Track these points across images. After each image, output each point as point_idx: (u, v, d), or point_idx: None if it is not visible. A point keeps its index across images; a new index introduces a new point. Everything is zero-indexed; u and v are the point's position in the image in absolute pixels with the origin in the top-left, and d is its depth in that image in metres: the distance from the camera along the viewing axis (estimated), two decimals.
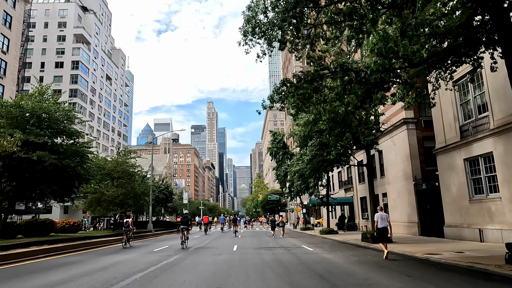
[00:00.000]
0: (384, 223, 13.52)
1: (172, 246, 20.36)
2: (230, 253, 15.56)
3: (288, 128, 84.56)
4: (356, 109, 14.13)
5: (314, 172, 24.46)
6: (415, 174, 25.13)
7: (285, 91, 11.58)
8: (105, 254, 15.94)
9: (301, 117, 20.07)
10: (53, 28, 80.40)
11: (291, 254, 14.82)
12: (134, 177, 27.32)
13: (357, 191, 37.41)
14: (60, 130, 19.07)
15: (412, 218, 25.19)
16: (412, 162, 25.37)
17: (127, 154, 27.91)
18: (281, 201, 78.52)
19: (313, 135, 20.81)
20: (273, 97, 11.66)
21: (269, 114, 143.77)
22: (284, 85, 11.53)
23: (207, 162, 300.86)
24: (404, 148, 26.30)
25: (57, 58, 78.87)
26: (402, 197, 26.74)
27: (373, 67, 12.14)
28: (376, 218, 13.78)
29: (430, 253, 14.02)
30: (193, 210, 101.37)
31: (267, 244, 21.53)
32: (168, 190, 44.03)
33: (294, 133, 22.71)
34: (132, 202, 26.24)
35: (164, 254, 15.45)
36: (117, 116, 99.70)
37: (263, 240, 25.47)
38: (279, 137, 46.92)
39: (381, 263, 11.78)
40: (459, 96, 20.00)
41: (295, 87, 11.48)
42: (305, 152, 21.06)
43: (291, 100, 12.52)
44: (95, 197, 24.06)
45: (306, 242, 22.68)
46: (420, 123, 26.13)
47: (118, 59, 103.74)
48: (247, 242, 22.81)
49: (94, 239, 20.95)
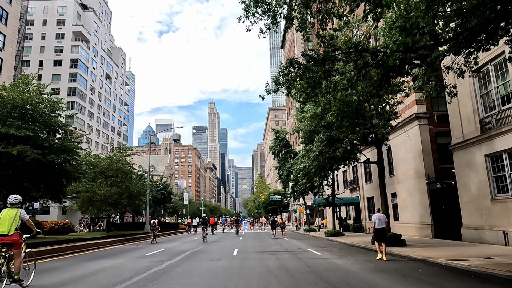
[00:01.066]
0: (382, 224, 13.82)
1: (167, 249, 18.82)
2: (230, 258, 14.01)
3: (292, 125, 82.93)
4: (371, 97, 12.54)
5: (320, 170, 22.91)
6: (428, 173, 23.54)
7: (293, 74, 10.03)
8: (91, 259, 14.43)
9: (308, 109, 18.56)
10: (51, 26, 79.11)
11: (297, 260, 13.25)
12: (129, 176, 25.82)
13: (363, 191, 35.80)
14: (45, 124, 17.54)
15: (425, 219, 23.59)
16: (424, 159, 23.78)
17: (122, 151, 26.42)
18: (284, 202, 76.90)
19: (320, 129, 19.26)
20: (279, 79, 10.11)
21: (271, 114, 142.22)
22: (292, 66, 9.96)
23: (209, 163, 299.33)
24: (415, 145, 24.71)
25: (55, 56, 77.58)
26: (413, 197, 25.15)
27: (393, 46, 10.59)
28: (374, 219, 14.01)
29: (454, 259, 12.44)
30: (194, 210, 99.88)
31: (270, 247, 19.97)
32: (167, 190, 42.23)
33: (299, 128, 21.17)
34: (127, 202, 24.72)
35: (156, 259, 13.92)
36: (117, 116, 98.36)
37: (266, 242, 23.91)
38: (281, 136, 45.36)
39: (404, 271, 10.22)
40: (478, 87, 18.41)
41: (304, 69, 9.91)
42: (312, 148, 19.50)
43: (299, 85, 10.99)
44: (86, 196, 22.57)
45: (312, 245, 21.12)
46: (433, 118, 24.54)
47: (118, 57, 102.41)
48: (248, 245, 21.26)
49: (84, 242, 19.44)
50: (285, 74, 9.95)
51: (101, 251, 18.12)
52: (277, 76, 10.11)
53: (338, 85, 12.42)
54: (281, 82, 10.03)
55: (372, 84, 12.06)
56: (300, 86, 10.71)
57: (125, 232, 26.95)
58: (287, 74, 9.96)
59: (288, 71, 10.03)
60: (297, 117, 23.35)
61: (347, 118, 12.93)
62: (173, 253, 16.49)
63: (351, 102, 12.26)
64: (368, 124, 15.38)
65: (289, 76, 9.99)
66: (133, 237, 25.98)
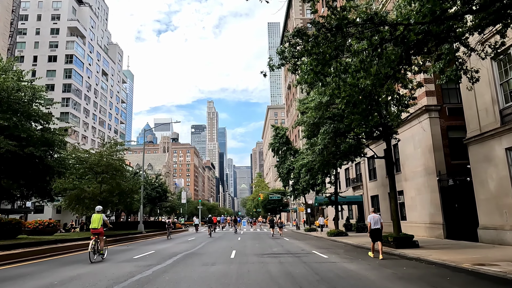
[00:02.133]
0: (377, 225, 14.08)
1: (159, 251, 17.25)
2: (227, 262, 12.46)
3: (292, 122, 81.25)
4: (387, 79, 10.99)
5: (324, 166, 21.36)
6: (439, 169, 22.03)
7: (300, 48, 8.46)
8: (70, 263, 12.86)
9: (312, 99, 17.02)
10: (46, 21, 77.44)
11: (303, 264, 11.71)
12: (121, 172, 24.22)
13: (367, 189, 34.30)
14: (23, 113, 15.89)
15: (436, 218, 22.09)
16: (435, 155, 22.26)
17: (113, 146, 24.80)
18: (283, 201, 75.43)
19: (325, 121, 17.71)
20: (284, 52, 8.54)
21: (270, 113, 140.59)
22: (299, 37, 8.38)
23: (207, 162, 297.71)
24: (425, 140, 23.20)
25: (50, 52, 75.90)
26: (423, 195, 23.64)
27: (417, 17, 9.07)
28: (369, 219, 14.35)
29: (480, 263, 10.92)
30: (192, 210, 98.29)
31: (271, 248, 18.43)
32: (162, 188, 40.46)
33: (302, 120, 19.62)
34: (118, 200, 23.11)
35: (143, 263, 12.35)
36: (113, 113, 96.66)
37: (266, 243, 22.36)
38: (281, 132, 43.80)
39: (431, 280, 8.69)
40: (498, 75, 16.89)
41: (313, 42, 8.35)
42: (316, 141, 17.95)
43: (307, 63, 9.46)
44: (74, 194, 20.97)
45: (316, 246, 19.59)
46: (444, 111, 23.03)
47: (115, 54, 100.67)
48: (247, 247, 19.71)
49: (68, 243, 17.86)
50: (292, 45, 8.37)
51: (85, 253, 16.50)
52: (282, 49, 8.53)
53: (349, 67, 10.89)
54: (287, 55, 8.47)
55: (389, 65, 10.53)
56: (308, 63, 9.14)
57: (116, 232, 25.36)
58: (294, 45, 8.39)
59: (295, 41, 8.46)
60: (300, 109, 21.81)
61: (360, 104, 11.37)
62: (164, 256, 14.92)
63: (365, 86, 10.67)
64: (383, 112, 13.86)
65: (296, 48, 8.43)
66: (125, 238, 24.38)
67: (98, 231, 13.80)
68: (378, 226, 13.99)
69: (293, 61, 8.81)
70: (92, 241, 13.45)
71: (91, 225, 13.95)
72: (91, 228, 13.98)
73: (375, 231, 13.95)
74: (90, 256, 13.05)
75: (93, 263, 12.72)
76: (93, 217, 14.16)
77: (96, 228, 13.77)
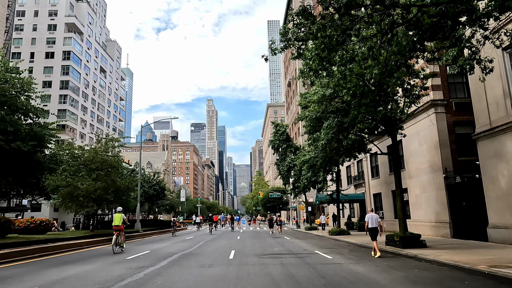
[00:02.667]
0: (375, 224, 14.36)
1: (154, 251, 16.47)
2: (225, 264, 11.70)
3: (292, 119, 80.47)
4: (398, 68, 10.20)
5: (327, 162, 20.59)
6: (445, 166, 21.27)
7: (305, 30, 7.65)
8: (58, 264, 12.08)
9: (315, 92, 16.25)
10: (43, 17, 76.41)
11: (307, 266, 10.95)
12: (116, 169, 23.40)
13: (369, 187, 33.55)
14: (10, 105, 15.05)
15: (442, 217, 21.35)
16: (441, 151, 21.51)
17: (109, 142, 23.98)
18: (283, 199, 74.70)
19: (329, 116, 16.91)
20: (287, 33, 7.73)
21: (269, 111, 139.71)
22: (304, 17, 7.56)
23: (207, 160, 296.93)
24: (431, 136, 22.44)
25: (47, 48, 74.90)
26: (428, 192, 22.89)
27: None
28: (367, 218, 14.67)
29: (496, 265, 10.16)
30: (191, 208, 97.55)
31: (272, 248, 17.67)
32: (160, 185, 39.60)
33: (304, 115, 18.82)
34: (113, 198, 22.27)
35: (135, 265, 11.58)
36: (112, 111, 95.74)
37: (266, 242, 21.61)
38: (282, 129, 42.99)
39: (447, 284, 7.94)
40: (510, 67, 16.12)
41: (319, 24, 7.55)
42: (319, 136, 17.15)
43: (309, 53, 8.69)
44: (66, 191, 20.15)
45: (318, 246, 18.84)
46: (451, 105, 22.27)
47: (114, 51, 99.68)
48: (247, 246, 18.95)
49: (60, 243, 17.10)
50: (296, 25, 7.57)
51: (76, 253, 15.77)
52: (285, 29, 7.73)
53: (356, 55, 10.11)
54: (290, 36, 7.68)
55: (400, 51, 9.74)
56: (313, 49, 8.35)
57: (112, 231, 24.56)
58: (298, 26, 7.59)
59: (299, 21, 7.64)
60: (301, 103, 21.01)
61: (368, 95, 10.57)
62: (159, 256, 14.15)
63: (374, 76, 9.88)
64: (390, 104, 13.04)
65: (300, 29, 7.63)
66: None
67: (119, 228, 16.53)
68: (376, 225, 14.32)
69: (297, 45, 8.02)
70: (114, 236, 16.19)
71: (113, 223, 16.91)
72: (113, 225, 16.82)
73: (373, 230, 14.30)
74: (113, 248, 15.82)
75: (84, 264, 11.96)
76: (115, 216, 17.10)
77: (118, 225, 16.54)
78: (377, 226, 14.29)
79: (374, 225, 14.30)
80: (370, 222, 14.40)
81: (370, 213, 14.86)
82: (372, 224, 14.31)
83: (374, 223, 14.33)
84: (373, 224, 14.31)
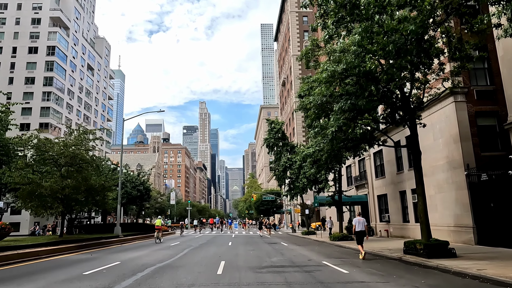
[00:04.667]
0: (362, 227, 14.78)
1: (125, 262, 13.42)
2: (211, 283, 8.77)
3: (288, 116, 77.74)
4: (447, 16, 7.42)
5: (332, 157, 17.79)
6: (467, 162, 18.62)
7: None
8: None
9: (323, 69, 13.47)
10: (27, 10, 72.89)
11: (321, 287, 8.05)
12: (91, 165, 20.25)
13: (373, 188, 30.84)
14: None
15: (463, 220, 18.66)
16: (462, 145, 18.87)
17: (82, 135, 20.82)
18: (277, 202, 71.78)
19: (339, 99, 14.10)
20: None
21: (263, 112, 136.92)
22: None
23: (199, 163, 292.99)
24: (449, 128, 19.81)
25: (30, 43, 71.33)
26: (445, 192, 20.23)
27: None
28: (354, 222, 15.09)
29: None
30: (181, 211, 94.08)
31: (270, 258, 14.75)
32: (144, 186, 36.06)
33: (308, 100, 15.97)
34: (84, 198, 19.06)
35: (87, 285, 8.58)
36: (99, 110, 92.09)
37: (262, 250, 18.66)
38: (277, 126, 40.16)
39: None
40: None
41: None
42: (327, 123, 14.27)
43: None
44: (27, 189, 16.96)
45: (324, 255, 15.99)
46: (472, 94, 19.66)
47: (102, 48, 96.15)
48: (240, 255, 15.99)
49: (12, 251, 13.99)
50: None
51: (27, 265, 12.69)
52: None
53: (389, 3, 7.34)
54: None
55: None
56: None
57: (85, 236, 21.47)
58: None
59: None
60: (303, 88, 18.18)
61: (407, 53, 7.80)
62: (127, 271, 11.10)
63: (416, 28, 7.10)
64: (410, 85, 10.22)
65: None
66: (94, 243, 20.42)
67: (159, 227, 26.26)
68: (363, 228, 14.82)
69: None
70: (156, 233, 25.73)
71: (155, 224, 26.68)
72: (155, 225, 26.64)
73: (359, 233, 14.72)
74: (155, 241, 24.95)
75: (20, 283, 8.92)
76: (156, 220, 27.04)
77: (158, 226, 26.33)
78: (364, 230, 14.85)
79: (361, 228, 14.77)
80: (357, 225, 14.85)
81: (358, 216, 15.39)
82: (359, 228, 14.77)
83: (361, 227, 14.81)
84: (361, 228, 14.77)
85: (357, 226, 14.82)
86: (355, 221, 15.15)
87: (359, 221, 14.94)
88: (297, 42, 73.18)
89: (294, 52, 72.47)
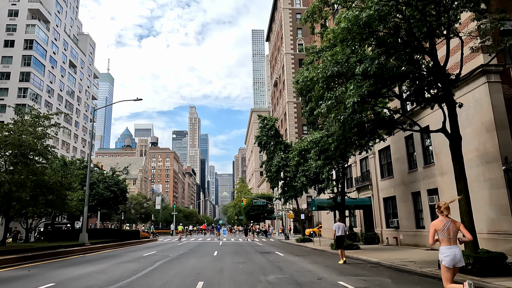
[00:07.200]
0: (341, 232, 15.29)
1: (60, 284, 9.53)
2: None
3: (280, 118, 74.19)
4: None
5: (343, 147, 14.22)
6: (505, 155, 15.25)
7: None
8: None
9: (342, 16, 9.98)
10: (3, 1, 68.50)
11: None
12: (44, 157, 16.27)
13: (378, 190, 27.36)
14: None
15: (501, 226, 15.28)
16: (498, 135, 15.53)
17: (34, 119, 16.83)
18: (268, 207, 67.99)
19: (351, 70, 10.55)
20: None
21: (253, 116, 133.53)
22: None
23: (188, 168, 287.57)
24: (480, 115, 16.48)
25: (6, 36, 66.87)
26: (476, 192, 16.75)
27: None
28: (334, 227, 15.52)
29: None
30: (167, 217, 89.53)
31: (265, 276, 11.01)
32: (120, 187, 31.60)
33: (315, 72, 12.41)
34: (29, 196, 14.95)
35: None
36: (82, 109, 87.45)
37: (255, 264, 14.87)
38: (270, 123, 36.62)
39: None
40: None
41: None
42: (344, 95, 10.57)
43: None
44: None
45: (334, 270, 12.33)
46: (508, 74, 16.36)
47: (86, 45, 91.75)
48: (226, 270, 12.23)
49: None
50: None
51: None
52: None
53: None
54: None
55: None
56: None
57: (38, 245, 17.43)
58: None
59: None
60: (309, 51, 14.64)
61: None
62: None
63: None
64: None
65: None
66: (47, 253, 16.34)
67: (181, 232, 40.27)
68: (342, 233, 15.26)
69: None
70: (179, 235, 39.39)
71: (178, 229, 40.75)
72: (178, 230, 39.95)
73: (340, 239, 15.09)
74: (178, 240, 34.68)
75: None
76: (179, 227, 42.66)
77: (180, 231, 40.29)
78: (344, 235, 15.32)
79: (341, 233, 15.22)
80: (337, 230, 15.26)
81: (338, 222, 16.00)
82: (339, 233, 15.20)
83: (341, 232, 15.26)
84: (341, 233, 15.22)
85: (337, 231, 15.25)
86: (335, 226, 15.50)
87: (339, 227, 15.36)
88: (290, 40, 70.12)
89: (287, 50, 69.34)
